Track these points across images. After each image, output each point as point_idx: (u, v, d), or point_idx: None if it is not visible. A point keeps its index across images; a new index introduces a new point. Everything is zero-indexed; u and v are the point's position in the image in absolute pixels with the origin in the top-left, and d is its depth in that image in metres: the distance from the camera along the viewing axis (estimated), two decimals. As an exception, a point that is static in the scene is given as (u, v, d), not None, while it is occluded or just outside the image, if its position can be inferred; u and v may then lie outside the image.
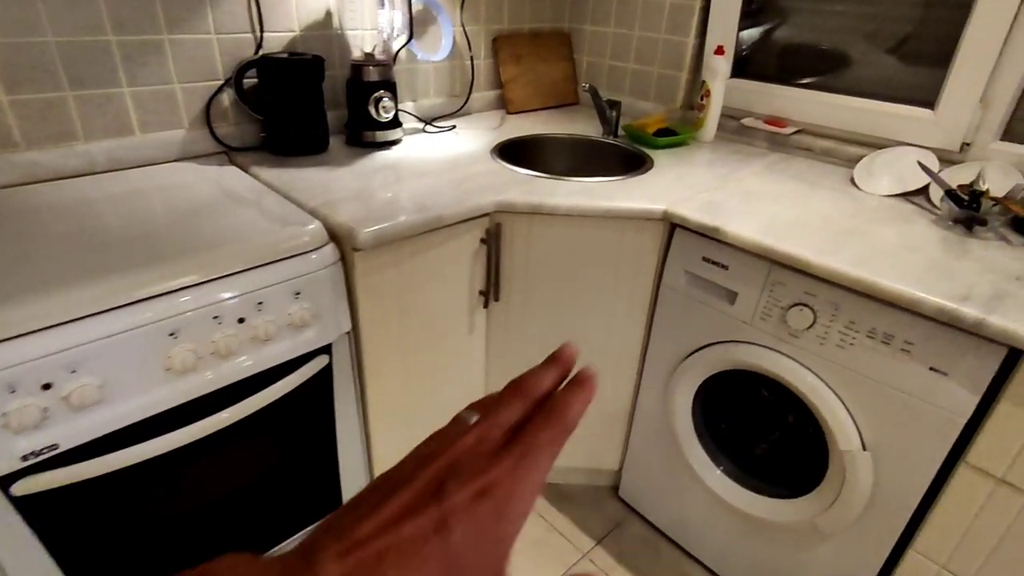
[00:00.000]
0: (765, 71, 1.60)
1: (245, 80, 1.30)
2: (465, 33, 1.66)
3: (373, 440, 1.22)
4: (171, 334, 0.83)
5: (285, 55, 1.30)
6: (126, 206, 1.03)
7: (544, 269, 1.24)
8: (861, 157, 1.39)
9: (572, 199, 1.15)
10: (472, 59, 1.70)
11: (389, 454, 1.26)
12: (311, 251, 0.97)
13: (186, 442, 0.89)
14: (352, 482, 1.24)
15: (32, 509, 0.79)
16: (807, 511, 1.11)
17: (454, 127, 1.61)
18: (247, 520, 1.09)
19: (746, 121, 1.61)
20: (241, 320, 0.90)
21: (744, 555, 1.29)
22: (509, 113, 1.82)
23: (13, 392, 0.72)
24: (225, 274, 0.88)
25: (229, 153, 1.34)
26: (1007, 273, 0.94)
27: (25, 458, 0.75)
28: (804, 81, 1.52)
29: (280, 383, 0.98)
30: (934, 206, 1.20)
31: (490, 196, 1.15)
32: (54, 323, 0.74)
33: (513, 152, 1.50)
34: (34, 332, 0.73)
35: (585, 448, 1.50)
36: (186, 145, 1.28)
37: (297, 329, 0.98)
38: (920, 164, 1.21)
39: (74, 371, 0.76)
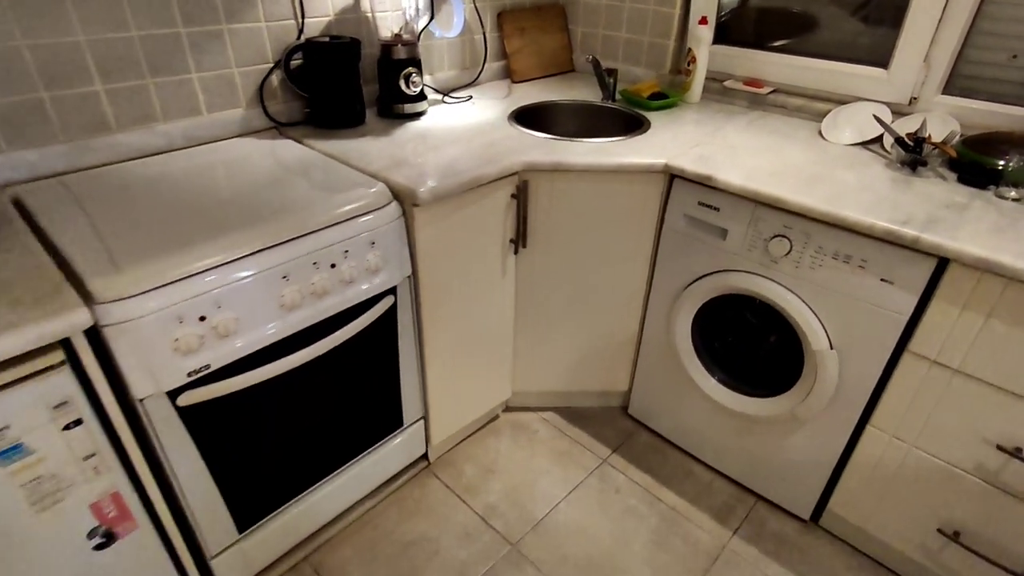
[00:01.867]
0: (743, 37, 1.80)
1: (292, 62, 1.47)
2: (476, 10, 1.83)
3: (428, 362, 1.44)
4: (284, 277, 1.04)
5: (326, 39, 1.46)
6: (218, 175, 1.21)
7: (564, 218, 1.46)
8: (827, 112, 1.61)
9: (587, 157, 1.36)
10: (485, 34, 1.87)
11: (438, 378, 1.49)
12: (380, 208, 1.18)
13: (294, 365, 1.11)
14: (411, 403, 1.46)
15: (191, 417, 1.01)
16: (787, 405, 1.38)
17: (471, 97, 1.79)
18: (338, 430, 1.31)
19: (728, 83, 1.82)
20: (333, 265, 1.11)
21: (737, 450, 1.56)
22: (513, 82, 2.00)
23: (181, 322, 0.92)
24: (320, 228, 1.08)
25: (279, 128, 1.51)
26: (941, 203, 1.18)
27: (189, 375, 0.96)
28: (777, 44, 1.73)
29: (360, 318, 1.20)
30: (887, 152, 1.44)
31: (516, 157, 1.36)
32: (206, 268, 0.94)
33: (526, 118, 1.69)
34: (196, 274, 0.93)
35: (597, 373, 1.75)
36: (244, 122, 1.45)
37: (372, 273, 1.18)
38: (875, 117, 1.44)
39: (219, 306, 0.96)
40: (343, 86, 1.49)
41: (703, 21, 1.72)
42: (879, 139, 1.50)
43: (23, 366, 0.78)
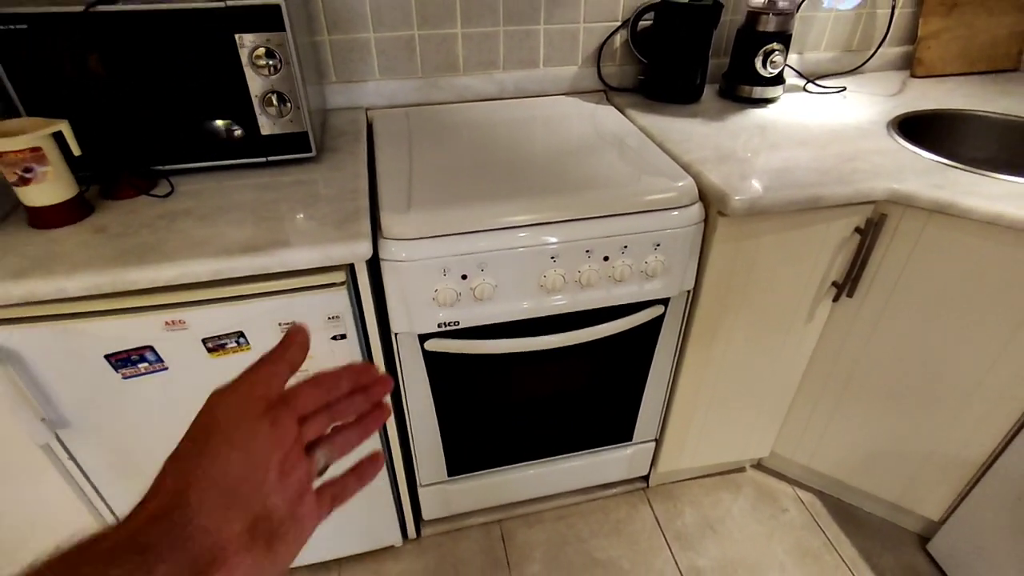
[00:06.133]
0: None
1: (640, 22, 1.33)
2: (892, -23, 1.41)
3: (677, 393, 1.25)
4: (552, 257, 0.96)
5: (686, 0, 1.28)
6: (528, 132, 1.19)
7: (925, 275, 1.05)
8: None
9: (1001, 203, 0.93)
10: (895, 7, 1.44)
11: (685, 408, 1.29)
12: (679, 208, 1.00)
13: (537, 348, 1.05)
14: (646, 422, 1.31)
15: (432, 361, 1.04)
16: None
17: (843, 89, 1.41)
18: (564, 421, 1.25)
19: None
20: (606, 258, 0.99)
21: None
22: (914, 76, 1.52)
23: (444, 275, 0.93)
24: (603, 215, 0.97)
25: (607, 92, 1.42)
26: None
27: (439, 325, 0.98)
28: None
29: (619, 321, 1.07)
30: None
31: (883, 182, 1.00)
32: (480, 229, 0.92)
33: (917, 128, 1.26)
34: (470, 232, 0.92)
35: (896, 482, 1.31)
36: (575, 81, 1.40)
37: (647, 278, 1.03)
38: None
39: (483, 269, 0.94)
40: (688, 56, 1.31)
41: None
42: None
43: (314, 276, 0.87)
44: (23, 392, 0.85)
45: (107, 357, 0.87)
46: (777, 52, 1.28)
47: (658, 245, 1.00)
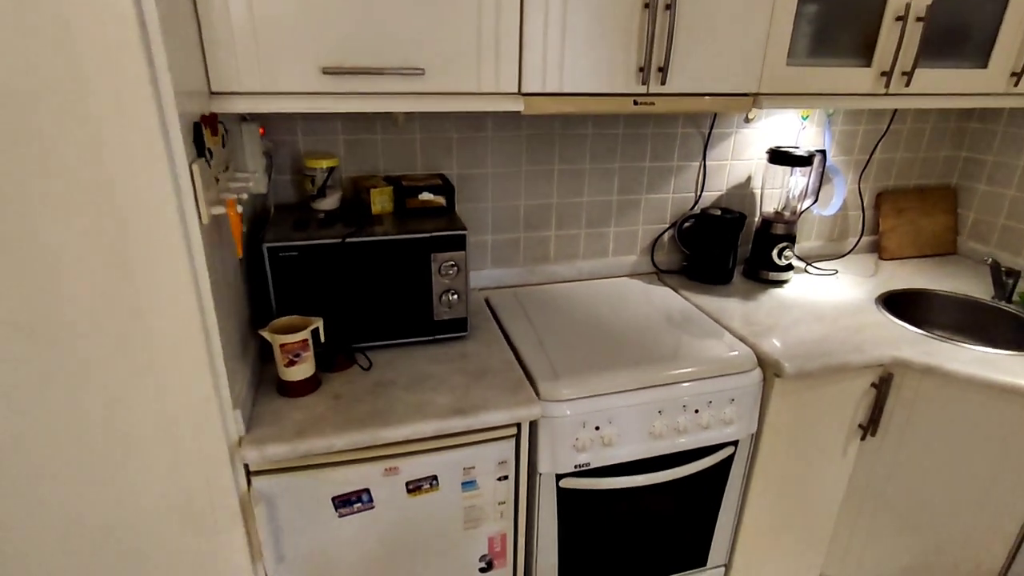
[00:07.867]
0: None
1: (685, 224, 1.78)
2: (860, 192, 1.93)
3: (744, 517, 1.51)
4: (659, 411, 1.28)
5: (718, 211, 1.74)
6: (609, 307, 1.55)
7: (927, 419, 1.40)
8: None
9: (971, 367, 1.31)
10: (864, 213, 1.95)
11: (751, 530, 1.54)
12: (747, 371, 1.34)
13: (642, 484, 1.32)
14: (718, 547, 1.55)
15: (563, 496, 1.30)
16: None
17: (835, 272, 1.86)
18: (652, 546, 1.48)
19: None
20: (696, 411, 1.31)
21: None
22: (882, 259, 1.99)
23: (583, 427, 1.23)
24: (695, 379, 1.30)
25: (658, 274, 1.83)
26: None
27: (576, 466, 1.26)
28: None
29: (704, 459, 1.36)
30: None
31: (887, 350, 1.38)
32: (610, 392, 1.24)
33: (896, 303, 1.68)
34: (604, 395, 1.24)
35: (930, 596, 1.55)
36: (634, 267, 1.81)
37: (725, 424, 1.35)
38: None
39: (610, 422, 1.25)
40: (721, 250, 1.74)
41: None
42: None
43: (492, 431, 1.16)
44: (267, 529, 1.08)
45: (333, 499, 1.11)
46: (787, 248, 1.73)
47: (733, 400, 1.33)
